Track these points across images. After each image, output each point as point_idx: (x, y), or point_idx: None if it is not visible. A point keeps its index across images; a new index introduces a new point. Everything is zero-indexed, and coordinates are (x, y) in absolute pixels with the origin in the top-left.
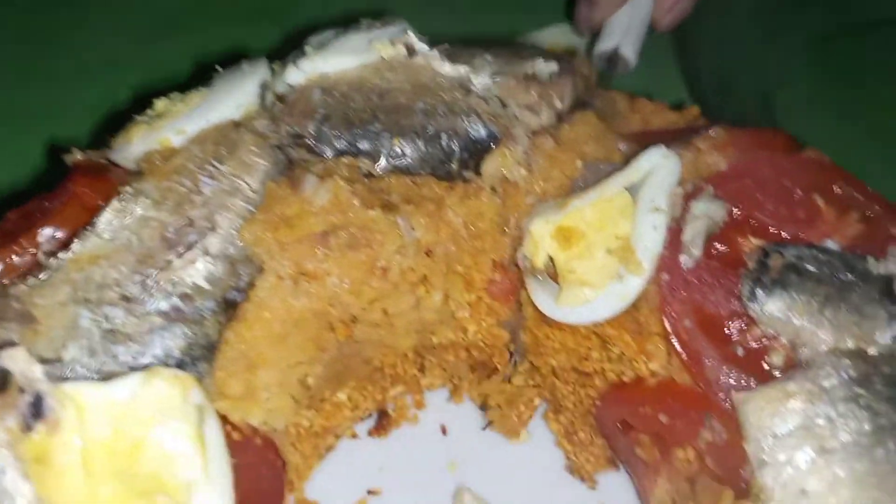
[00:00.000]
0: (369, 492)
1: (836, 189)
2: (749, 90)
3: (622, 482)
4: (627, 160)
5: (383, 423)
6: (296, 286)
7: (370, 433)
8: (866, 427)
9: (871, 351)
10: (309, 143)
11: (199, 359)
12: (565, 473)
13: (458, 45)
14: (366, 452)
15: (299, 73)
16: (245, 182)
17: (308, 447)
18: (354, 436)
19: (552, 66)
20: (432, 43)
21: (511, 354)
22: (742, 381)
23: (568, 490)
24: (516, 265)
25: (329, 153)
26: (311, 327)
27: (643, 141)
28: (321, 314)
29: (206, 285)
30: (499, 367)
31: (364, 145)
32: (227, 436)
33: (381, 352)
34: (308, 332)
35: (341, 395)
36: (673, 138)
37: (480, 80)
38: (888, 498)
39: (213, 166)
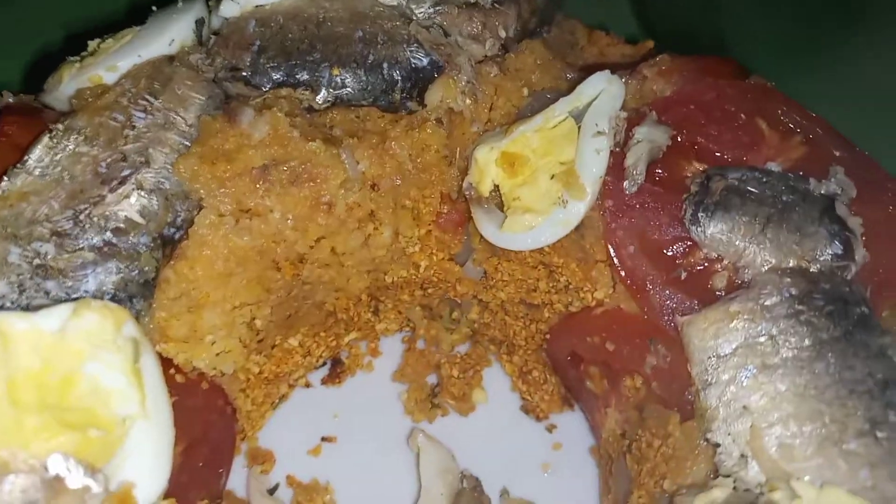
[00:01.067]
0: (324, 439)
1: (780, 113)
2: (703, 30)
3: (578, 421)
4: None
5: (337, 371)
6: (237, 223)
7: (324, 382)
8: (807, 342)
9: (813, 268)
10: (245, 75)
11: (135, 296)
12: (521, 414)
13: None
14: (320, 401)
15: (234, 6)
16: (180, 116)
17: (259, 394)
18: (308, 385)
19: None
20: None
21: (455, 305)
22: (686, 305)
23: (523, 430)
24: (464, 196)
25: (267, 85)
26: (255, 266)
27: (591, 71)
28: (265, 252)
29: (139, 220)
30: (458, 300)
31: (303, 76)
32: (171, 378)
33: (334, 295)
34: (253, 271)
35: (293, 341)
36: (626, 69)
37: (422, 9)
38: (827, 408)
39: (147, 101)
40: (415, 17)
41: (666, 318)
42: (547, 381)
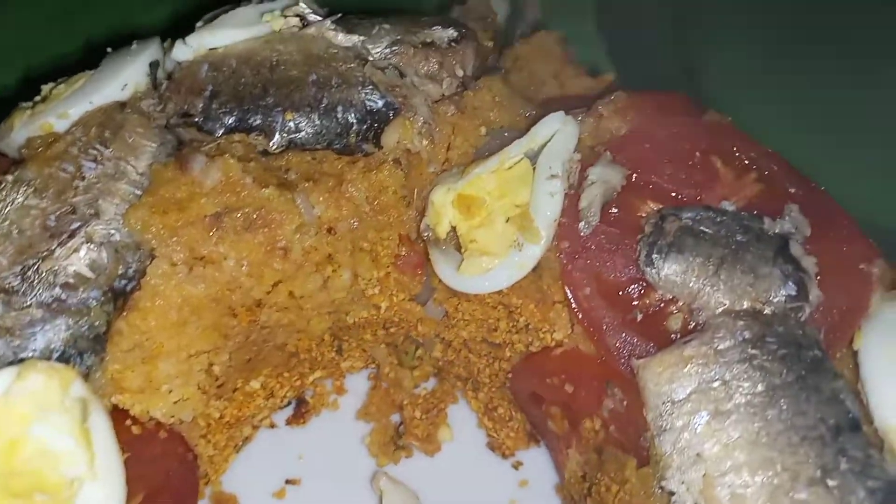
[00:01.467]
0: (288, 481)
1: (735, 150)
2: (671, 56)
3: (544, 457)
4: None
5: (301, 410)
6: (191, 272)
7: (288, 422)
8: (759, 388)
9: (766, 311)
10: (197, 121)
11: (85, 351)
12: (487, 451)
13: (355, 14)
14: (285, 441)
15: (186, 49)
16: (131, 165)
17: (222, 438)
18: (273, 425)
19: (451, 33)
20: (330, 14)
21: (417, 345)
22: (642, 347)
23: (490, 468)
24: (422, 237)
25: (219, 131)
26: (211, 314)
27: (554, 107)
28: (221, 300)
29: (89, 274)
30: (418, 339)
31: (255, 121)
32: (127, 430)
33: (295, 336)
34: (208, 319)
35: (254, 384)
36: (584, 104)
37: (377, 50)
38: (779, 456)
39: (97, 150)
40: (370, 58)
41: (622, 360)
42: (512, 419)
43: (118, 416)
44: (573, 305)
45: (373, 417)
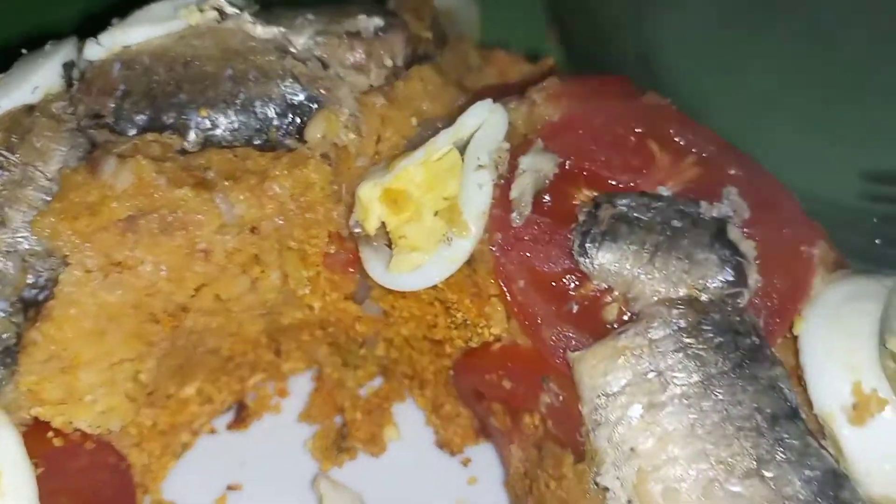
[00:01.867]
0: (229, 487)
1: (672, 133)
2: (626, 43)
3: (492, 453)
4: None
5: (242, 415)
6: (106, 278)
7: (229, 427)
8: (694, 378)
9: (703, 297)
10: (109, 122)
11: None
12: (436, 449)
13: (278, 6)
14: (226, 447)
15: (98, 48)
16: (39, 170)
17: (157, 446)
18: (213, 431)
19: (377, 22)
20: (249, 5)
21: (362, 343)
22: (578, 340)
23: (438, 466)
24: (352, 234)
25: (131, 131)
26: (131, 321)
27: (489, 95)
28: (141, 306)
29: None
30: (358, 339)
31: (169, 119)
32: (48, 443)
33: (228, 340)
34: (129, 326)
35: (189, 390)
36: (521, 91)
37: (300, 41)
38: (714, 448)
39: (2, 156)
40: (292, 50)
41: (558, 354)
42: (460, 415)
43: (39, 429)
44: (508, 299)
45: (315, 420)
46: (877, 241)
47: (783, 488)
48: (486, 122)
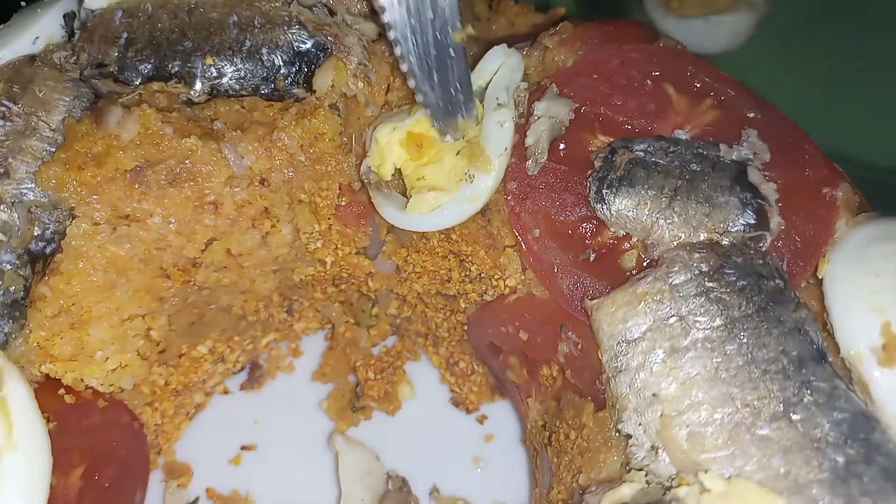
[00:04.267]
0: (244, 447)
1: (689, 76)
2: None
3: (509, 410)
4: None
5: (255, 375)
6: (114, 231)
7: (243, 387)
8: (717, 322)
9: (724, 241)
10: (112, 71)
11: (1, 317)
12: (451, 407)
13: None
14: (239, 407)
15: None
16: (42, 120)
17: (170, 406)
18: (227, 391)
19: None
20: None
21: (373, 302)
22: (596, 288)
23: (453, 424)
24: (363, 181)
25: (136, 80)
26: (140, 276)
27: (500, 44)
28: (150, 260)
29: (0, 236)
30: (371, 296)
31: (174, 68)
32: (60, 400)
33: (240, 298)
34: (138, 280)
35: (202, 349)
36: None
37: None
38: (739, 392)
39: (4, 106)
40: None
41: (575, 303)
42: (475, 372)
43: (50, 385)
44: (523, 249)
45: (329, 379)
46: None
47: (812, 431)
48: (502, 65)
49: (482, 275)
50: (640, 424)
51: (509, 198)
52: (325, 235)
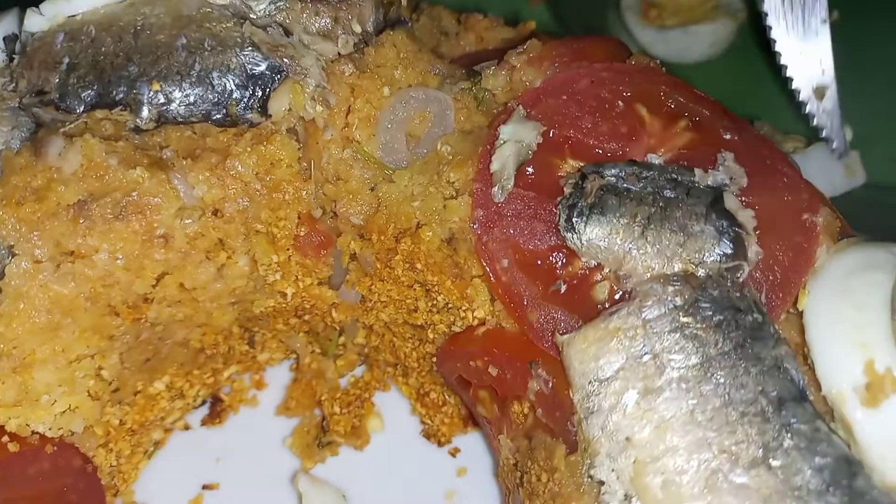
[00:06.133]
0: (205, 486)
1: (663, 96)
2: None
3: (482, 442)
4: (445, 82)
5: (217, 409)
6: (58, 269)
7: (204, 422)
8: (693, 360)
9: (700, 273)
10: (53, 98)
11: None
12: (422, 440)
13: None
14: (200, 444)
15: (40, 19)
16: None
17: (126, 446)
18: (187, 427)
19: None
20: None
21: (340, 331)
22: (567, 322)
23: (425, 457)
24: (331, 213)
25: (79, 108)
26: (87, 315)
27: (469, 62)
28: (97, 298)
29: None
30: (336, 327)
31: (118, 94)
32: (2, 448)
33: (197, 331)
34: (85, 320)
35: (158, 385)
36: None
37: (260, 7)
38: (716, 436)
39: None
40: (251, 16)
41: (546, 337)
42: (446, 403)
43: None
44: (491, 279)
45: (294, 413)
46: None
47: (792, 478)
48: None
49: (449, 305)
50: (612, 470)
51: (475, 226)
52: (285, 267)
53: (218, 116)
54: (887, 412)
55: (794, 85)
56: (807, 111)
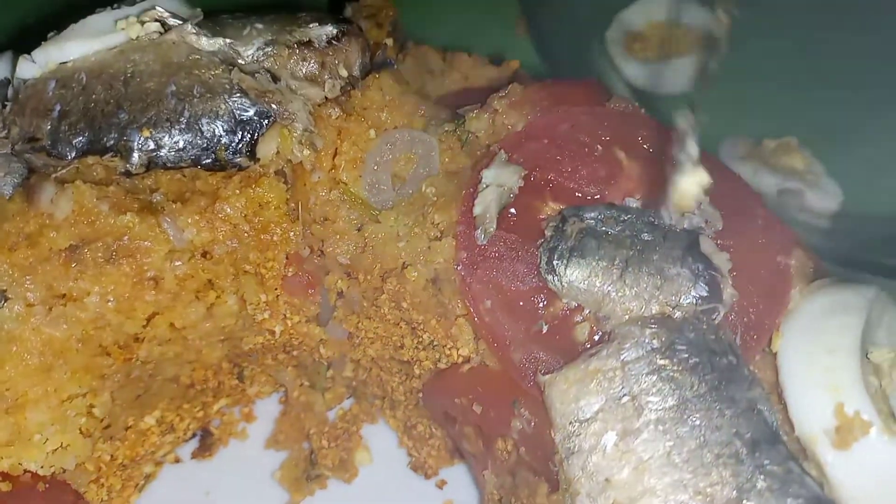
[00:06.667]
0: None
1: (640, 140)
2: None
3: (468, 474)
4: (430, 124)
5: (207, 443)
6: (50, 312)
7: (194, 456)
8: (670, 402)
9: (676, 314)
10: (45, 145)
11: None
12: (409, 473)
13: (225, 15)
14: (190, 477)
15: (31, 66)
16: None
17: (117, 481)
18: (178, 460)
19: (329, 31)
20: (193, 15)
21: (328, 365)
22: (549, 362)
23: (412, 490)
24: (318, 252)
25: (70, 154)
26: (79, 356)
27: (455, 101)
28: (88, 340)
29: None
30: (324, 362)
31: (109, 141)
32: None
33: (187, 367)
34: (76, 361)
35: (149, 420)
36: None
37: (248, 52)
38: (692, 479)
39: None
40: (240, 62)
41: (528, 377)
42: (433, 436)
43: None
44: (475, 319)
45: (283, 446)
46: None
47: None
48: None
49: (434, 343)
50: None
51: (459, 267)
52: (273, 306)
53: (207, 161)
54: (857, 454)
55: None
56: None
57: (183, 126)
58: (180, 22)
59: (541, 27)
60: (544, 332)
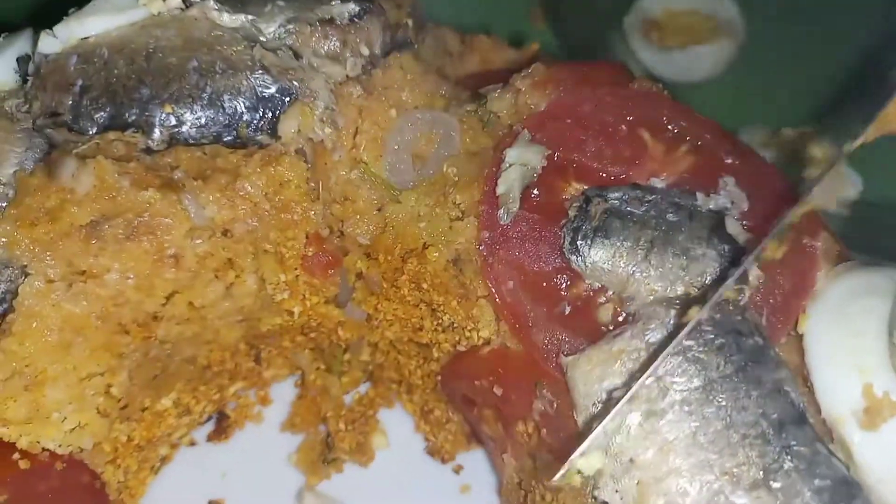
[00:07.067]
0: (211, 502)
1: (665, 121)
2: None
3: (485, 459)
4: (451, 104)
5: (223, 425)
6: (70, 288)
7: (209, 438)
8: (695, 382)
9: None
10: (66, 120)
11: None
12: (426, 457)
13: None
14: (206, 459)
15: (53, 41)
16: None
17: (133, 462)
18: (193, 443)
19: (352, 8)
20: None
21: (345, 348)
22: (571, 343)
23: (429, 475)
24: (339, 232)
25: (92, 129)
26: (98, 333)
27: (474, 83)
28: (107, 317)
29: None
30: (341, 345)
31: (131, 116)
32: (13, 466)
33: (205, 348)
34: (96, 339)
35: (165, 402)
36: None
37: (269, 30)
38: (718, 458)
39: None
40: (261, 39)
41: (551, 358)
42: (450, 420)
43: (3, 451)
44: (496, 300)
45: (299, 429)
46: None
47: (792, 500)
48: None
49: (455, 325)
50: (616, 491)
51: (482, 248)
52: (292, 286)
53: (228, 138)
54: (885, 435)
55: None
56: None
57: (205, 102)
58: None
59: (558, 13)
60: (567, 313)
